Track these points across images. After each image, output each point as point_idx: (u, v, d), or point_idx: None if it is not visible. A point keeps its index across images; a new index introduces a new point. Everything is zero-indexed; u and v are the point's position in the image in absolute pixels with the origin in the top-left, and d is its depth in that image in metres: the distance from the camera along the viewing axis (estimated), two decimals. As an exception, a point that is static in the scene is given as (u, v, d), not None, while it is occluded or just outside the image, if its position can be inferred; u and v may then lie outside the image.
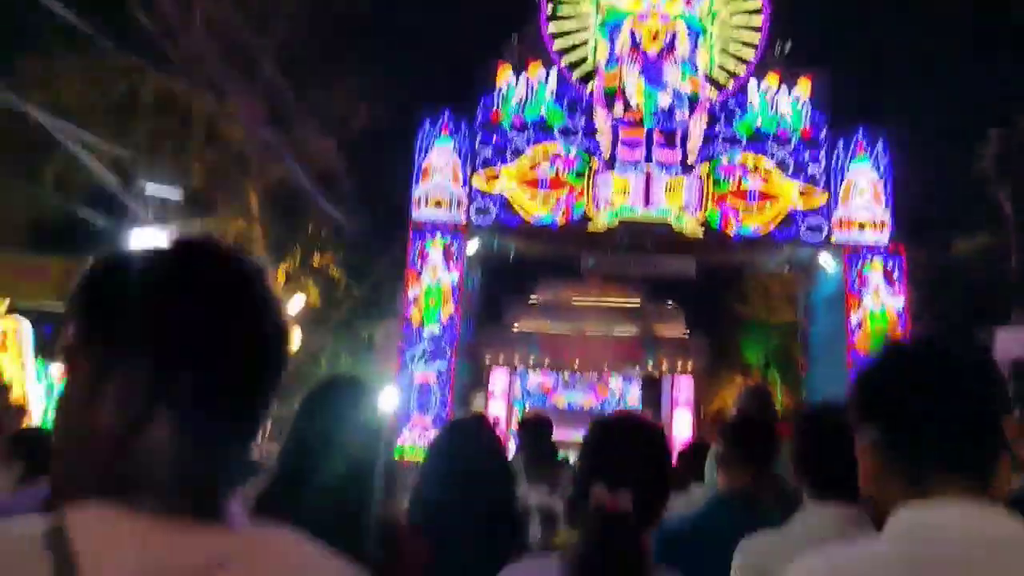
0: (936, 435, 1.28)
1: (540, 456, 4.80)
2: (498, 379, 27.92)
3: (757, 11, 16.42)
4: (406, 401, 15.26)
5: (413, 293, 15.67)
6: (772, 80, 16.23)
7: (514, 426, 7.24)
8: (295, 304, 14.10)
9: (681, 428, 26.54)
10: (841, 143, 16.03)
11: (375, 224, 17.63)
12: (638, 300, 28.91)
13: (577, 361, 28.50)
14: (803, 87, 16.18)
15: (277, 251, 17.36)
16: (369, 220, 17.58)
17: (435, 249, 15.79)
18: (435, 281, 15.70)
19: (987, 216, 14.83)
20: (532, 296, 29.15)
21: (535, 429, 5.06)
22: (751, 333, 27.03)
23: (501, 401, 27.47)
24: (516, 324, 28.08)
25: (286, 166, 16.99)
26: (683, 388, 28.64)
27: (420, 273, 15.73)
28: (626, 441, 2.01)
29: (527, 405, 30.82)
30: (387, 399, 14.32)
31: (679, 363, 29.18)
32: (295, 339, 13.52)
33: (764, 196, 15.83)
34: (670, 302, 30.64)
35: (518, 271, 20.71)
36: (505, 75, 16.32)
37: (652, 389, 29.85)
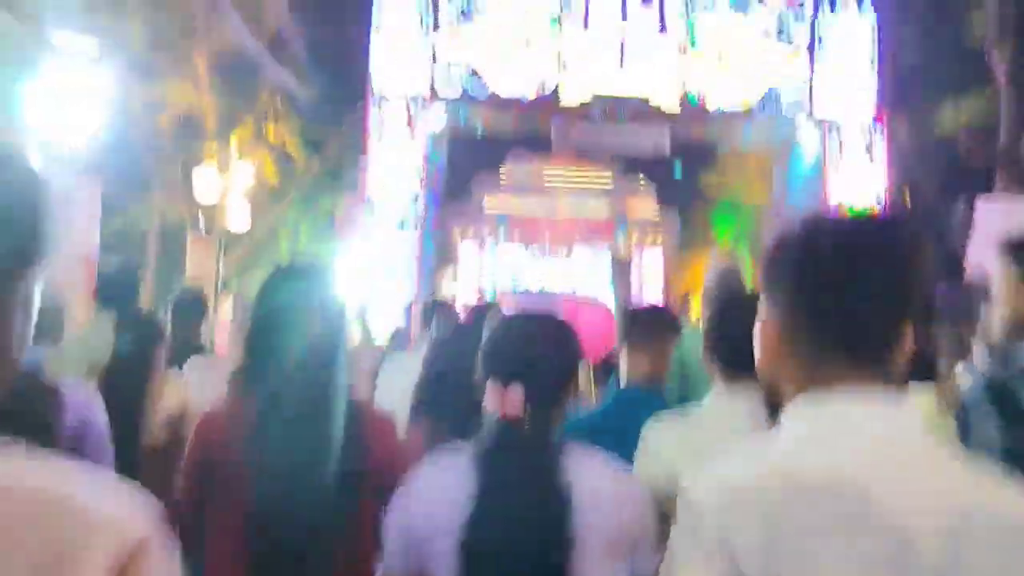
0: (840, 316, 1.21)
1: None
2: (467, 255, 27.39)
3: None
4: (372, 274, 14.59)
5: (373, 165, 14.75)
6: (757, -63, 14.99)
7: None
8: (244, 176, 13.16)
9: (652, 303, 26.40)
10: (827, 6, 14.98)
11: (332, 92, 16.43)
12: (609, 177, 28.17)
13: (548, 236, 27.96)
14: (790, -55, 14.98)
15: (229, 123, 16.20)
16: (326, 87, 16.37)
17: (396, 121, 14.78)
18: (396, 154, 14.78)
19: (978, 82, 13.97)
20: (501, 173, 28.27)
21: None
22: (724, 211, 26.41)
23: (470, 280, 27.03)
24: (486, 202, 27.33)
25: (233, 27, 15.64)
26: (653, 265, 28.27)
27: (380, 143, 14.77)
28: (525, 336, 1.97)
29: (497, 290, 30.50)
30: (351, 272, 13.67)
31: (650, 239, 28.69)
32: (247, 217, 12.71)
33: (745, 65, 14.87)
34: (642, 179, 29.85)
35: (487, 146, 19.74)
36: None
37: (622, 268, 29.52)
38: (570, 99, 14.79)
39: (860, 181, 14.78)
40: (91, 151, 8.43)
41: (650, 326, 3.19)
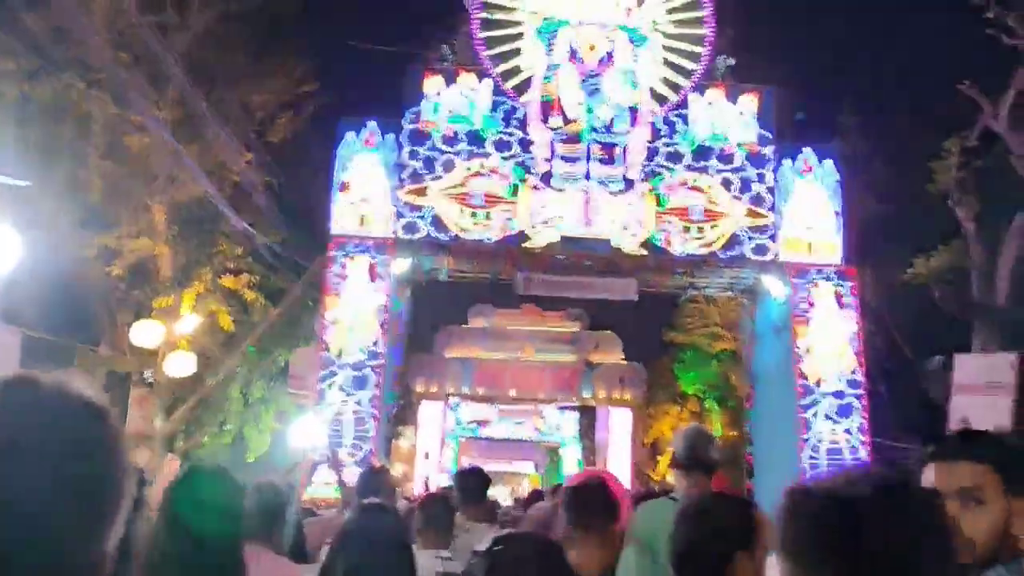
0: None
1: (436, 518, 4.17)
2: (429, 411, 26.46)
3: (701, 21, 15.48)
4: (325, 435, 13.69)
5: (333, 315, 14.18)
6: (717, 94, 15.30)
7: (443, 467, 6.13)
8: (191, 326, 12.43)
9: (618, 459, 25.51)
10: (788, 160, 15.14)
11: (294, 241, 16.06)
12: (575, 327, 27.82)
13: (512, 390, 27.24)
14: (749, 102, 15.29)
15: (186, 272, 15.66)
16: (288, 237, 16.01)
17: (358, 268, 14.37)
18: (358, 302, 14.25)
19: (947, 235, 13.99)
20: (466, 323, 27.82)
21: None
22: (689, 362, 26.04)
23: (433, 434, 26.04)
24: (448, 351, 26.71)
25: (196, 179, 15.36)
26: (620, 418, 27.54)
27: (341, 294, 14.26)
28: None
29: (460, 439, 29.47)
30: (303, 432, 12.76)
31: (616, 392, 28.09)
32: (190, 368, 11.90)
33: (709, 215, 14.85)
34: (608, 331, 29.55)
35: (451, 294, 19.36)
36: (435, 84, 15.08)
37: (588, 419, 28.76)
38: (535, 243, 14.53)
39: (830, 329, 14.48)
40: (8, 299, 7.74)
41: (589, 508, 2.88)
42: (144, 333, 11.49)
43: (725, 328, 22.27)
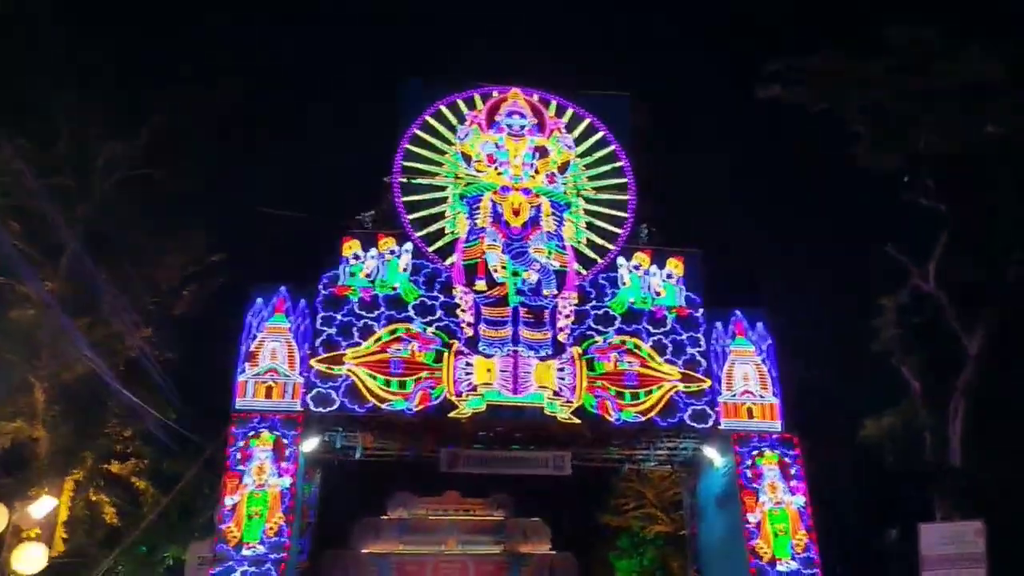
0: None
1: None
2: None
3: (624, 187, 15.20)
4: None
5: (232, 501, 12.33)
6: (643, 258, 14.77)
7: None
8: (40, 508, 10.36)
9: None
10: (719, 324, 14.47)
11: (193, 420, 14.29)
12: (501, 515, 25.83)
13: (435, 584, 24.71)
14: (675, 266, 14.78)
15: (66, 457, 13.64)
16: (185, 414, 14.25)
17: (262, 446, 12.72)
18: (261, 486, 12.50)
19: (892, 394, 13.27)
20: (384, 513, 25.55)
21: None
22: (624, 549, 24.18)
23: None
24: (365, 546, 24.27)
25: (85, 357, 13.74)
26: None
27: (242, 476, 12.48)
28: None
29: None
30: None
31: (546, 585, 25.75)
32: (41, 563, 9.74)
33: (643, 380, 13.89)
34: (536, 518, 27.57)
35: (367, 475, 17.55)
36: (353, 248, 14.15)
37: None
38: (461, 412, 13.19)
39: (779, 502, 13.27)
40: None
41: None
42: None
43: (661, 509, 20.78)
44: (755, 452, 13.60)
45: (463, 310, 13.93)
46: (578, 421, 13.51)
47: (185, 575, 13.72)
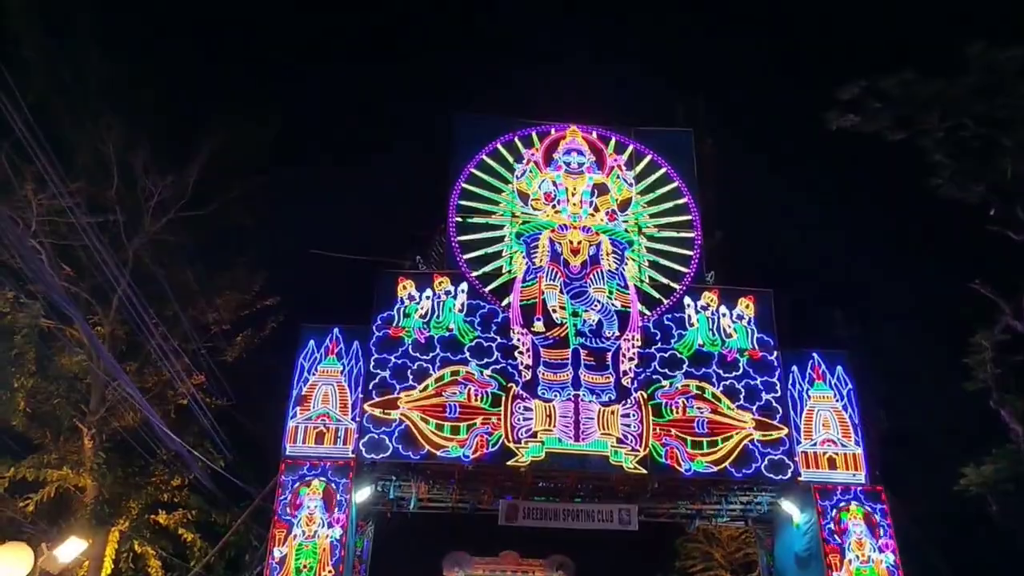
0: None
1: None
2: None
3: (687, 225, 14.40)
4: None
5: (280, 553, 11.54)
6: (711, 298, 13.87)
7: None
8: (70, 551, 9.63)
9: None
10: (796, 368, 13.42)
11: (243, 470, 13.62)
12: (561, 575, 24.54)
13: (492, 655, 23.44)
14: (746, 306, 13.83)
15: (112, 506, 13.04)
16: (234, 463, 13.58)
17: (312, 495, 11.95)
18: (311, 536, 11.70)
19: (989, 441, 11.99)
20: (439, 572, 24.44)
21: None
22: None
23: None
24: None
25: (134, 401, 13.22)
26: None
27: (291, 526, 11.72)
28: None
29: None
30: None
31: (609, 654, 24.27)
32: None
33: (715, 427, 12.84)
34: (595, 579, 26.13)
35: (421, 531, 16.62)
36: (407, 288, 13.52)
37: None
38: (520, 460, 12.29)
39: (866, 559, 12.01)
40: None
41: None
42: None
43: (731, 572, 19.36)
44: (839, 506, 12.39)
45: (521, 352, 13.13)
46: (645, 471, 12.50)
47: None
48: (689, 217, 14.52)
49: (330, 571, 11.49)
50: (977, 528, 12.41)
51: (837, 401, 13.16)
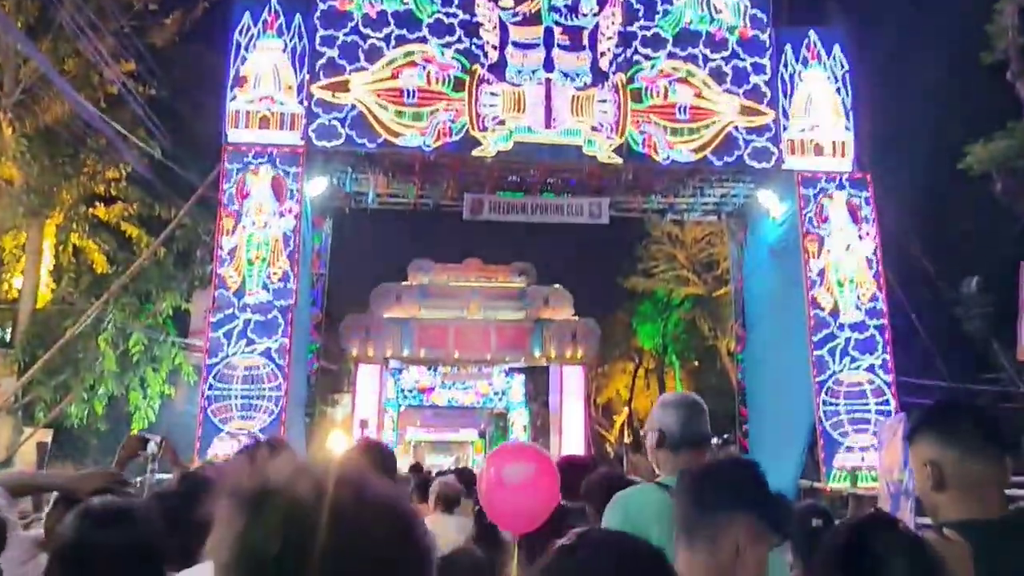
0: None
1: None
2: (366, 377, 22.88)
3: None
4: (219, 397, 10.04)
5: (230, 243, 10.47)
6: (700, -31, 11.94)
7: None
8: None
9: (571, 421, 22.57)
10: (789, 47, 11.89)
11: (182, 157, 12.13)
12: (523, 282, 24.45)
13: (456, 352, 23.77)
14: (739, -22, 11.96)
15: (43, 197, 11.67)
16: (176, 154, 12.07)
17: (259, 183, 10.69)
18: (262, 227, 10.58)
19: (1000, 119, 10.85)
20: (404, 282, 24.21)
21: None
22: (647, 314, 22.88)
23: (371, 402, 22.44)
24: (385, 311, 23.09)
25: (56, 85, 11.39)
26: (572, 377, 24.39)
27: (239, 216, 10.55)
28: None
29: (401, 406, 26.06)
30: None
31: (568, 350, 24.80)
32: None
33: (697, 113, 11.52)
34: (558, 286, 26.20)
35: (382, 237, 15.71)
36: (356, -47, 11.37)
37: (538, 380, 25.67)
38: (485, 150, 11.02)
39: (845, 248, 11.32)
40: None
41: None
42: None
43: (693, 272, 19.08)
44: (822, 194, 11.49)
45: (487, 30, 11.37)
46: (620, 160, 11.33)
47: (191, 326, 12.16)
48: None
49: (284, 262, 10.53)
50: (963, 214, 11.64)
51: (831, 83, 11.81)
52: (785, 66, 11.79)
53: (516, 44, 11.39)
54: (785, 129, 11.61)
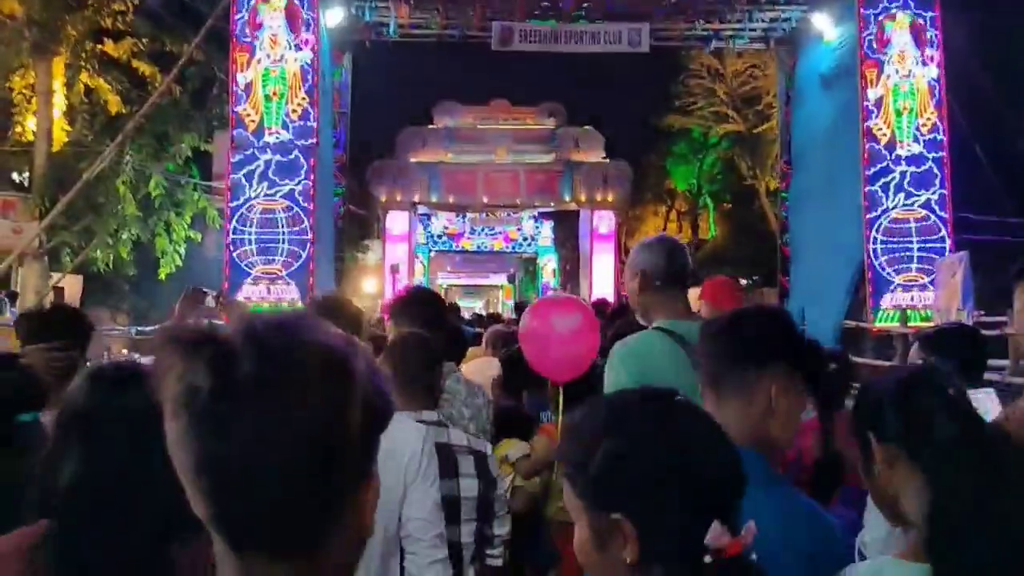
0: None
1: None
2: (395, 222, 22.49)
3: None
4: (244, 241, 9.64)
5: (245, 79, 9.75)
6: None
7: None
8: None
9: (601, 266, 22.23)
10: None
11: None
12: (552, 123, 23.44)
13: (485, 198, 23.16)
14: None
15: (48, 32, 10.87)
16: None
17: (273, 13, 9.81)
18: (277, 60, 9.81)
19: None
20: (430, 123, 23.31)
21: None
22: (681, 155, 21.91)
23: (401, 248, 22.13)
24: (412, 155, 22.37)
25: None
26: (603, 222, 23.81)
27: (253, 49, 9.76)
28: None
29: (431, 252, 25.81)
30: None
31: (598, 194, 24.10)
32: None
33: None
34: (587, 127, 25.18)
35: (408, 77, 14.76)
36: None
37: (568, 225, 25.17)
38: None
39: (906, 75, 10.32)
40: None
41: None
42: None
43: (733, 107, 17.99)
44: (884, 14, 10.36)
45: None
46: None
47: (214, 168, 11.65)
48: None
49: (303, 98, 9.82)
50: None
51: None
52: None
53: None
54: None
